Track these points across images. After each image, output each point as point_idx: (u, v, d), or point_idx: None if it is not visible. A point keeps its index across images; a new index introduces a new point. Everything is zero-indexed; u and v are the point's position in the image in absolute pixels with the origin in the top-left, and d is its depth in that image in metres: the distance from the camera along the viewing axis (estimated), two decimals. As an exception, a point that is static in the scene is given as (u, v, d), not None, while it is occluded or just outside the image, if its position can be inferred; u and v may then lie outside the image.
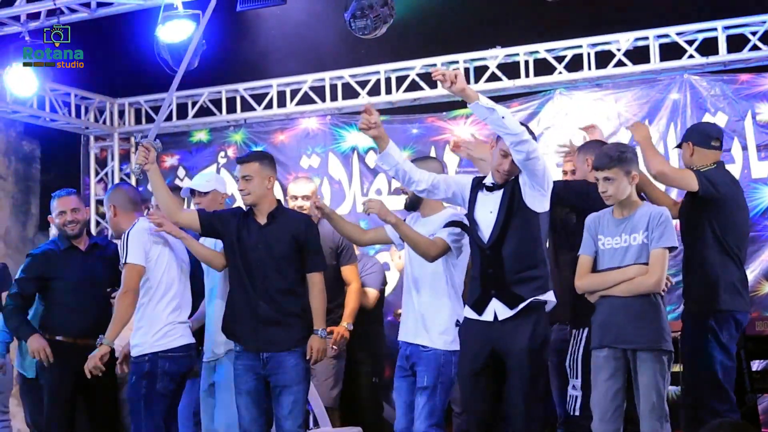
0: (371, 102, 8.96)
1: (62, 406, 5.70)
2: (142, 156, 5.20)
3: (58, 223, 5.75)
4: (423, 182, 4.92)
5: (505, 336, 4.71)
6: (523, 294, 4.70)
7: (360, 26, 6.39)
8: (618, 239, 4.64)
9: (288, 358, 5.13)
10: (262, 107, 9.39)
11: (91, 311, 5.73)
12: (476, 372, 4.78)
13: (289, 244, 5.20)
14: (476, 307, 4.81)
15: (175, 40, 6.85)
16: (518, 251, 4.73)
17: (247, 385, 5.18)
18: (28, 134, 10.50)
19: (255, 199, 5.24)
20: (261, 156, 5.42)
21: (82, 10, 7.26)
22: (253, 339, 5.17)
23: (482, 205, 4.86)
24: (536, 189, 4.71)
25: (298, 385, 5.15)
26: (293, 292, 5.21)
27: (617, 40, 8.22)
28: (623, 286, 4.60)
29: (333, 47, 8.73)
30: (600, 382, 4.63)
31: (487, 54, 8.64)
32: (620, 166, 4.65)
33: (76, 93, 9.68)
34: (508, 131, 4.52)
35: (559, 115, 8.51)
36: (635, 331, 4.56)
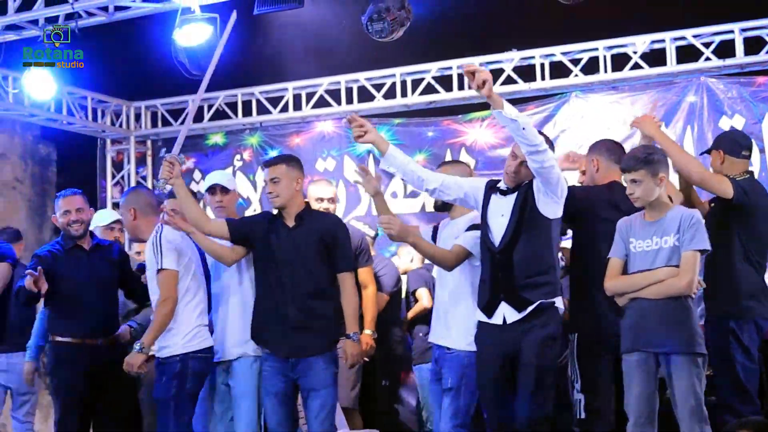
0: (387, 105, 9.00)
1: (74, 407, 5.64)
2: (167, 171, 5.14)
3: (62, 223, 5.69)
4: (432, 182, 4.91)
5: (515, 338, 4.72)
6: (531, 298, 4.70)
7: (377, 29, 6.42)
8: (649, 242, 4.60)
9: (317, 361, 5.09)
10: (277, 110, 9.42)
11: (98, 311, 5.68)
12: (493, 376, 4.79)
13: (317, 245, 5.15)
14: (486, 310, 4.82)
15: (192, 44, 6.87)
16: (529, 256, 4.71)
17: (275, 387, 5.15)
18: (45, 138, 10.54)
19: (283, 201, 5.20)
20: (288, 158, 5.40)
21: (100, 14, 7.29)
22: (282, 345, 5.13)
23: (495, 208, 4.84)
24: (549, 196, 4.70)
25: (327, 388, 5.10)
26: (324, 295, 5.16)
27: (633, 43, 8.21)
28: (653, 288, 4.57)
29: (348, 50, 8.75)
30: (633, 386, 4.60)
31: (503, 57, 8.65)
32: (647, 168, 4.61)
33: (92, 96, 9.73)
34: (527, 141, 4.51)
35: (575, 117, 8.51)
36: (667, 335, 4.52)
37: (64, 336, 5.65)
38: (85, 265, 5.69)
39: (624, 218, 4.77)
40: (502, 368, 4.76)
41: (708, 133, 7.93)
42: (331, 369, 5.12)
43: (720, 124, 7.92)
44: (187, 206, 5.21)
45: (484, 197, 4.90)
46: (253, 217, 5.53)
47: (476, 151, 8.81)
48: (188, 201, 5.22)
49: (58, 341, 5.67)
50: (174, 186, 5.18)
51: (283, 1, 6.65)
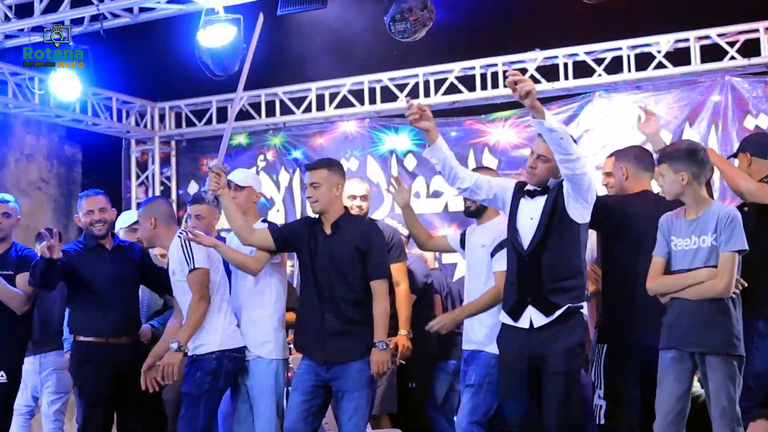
0: (410, 105, 8.99)
1: (99, 407, 5.64)
2: (213, 182, 5.14)
3: (85, 222, 5.69)
4: (467, 180, 4.89)
5: (542, 343, 4.67)
6: (559, 302, 4.65)
7: (400, 29, 6.42)
8: (688, 241, 4.55)
9: (353, 364, 5.06)
10: (301, 111, 9.45)
11: (120, 310, 5.68)
12: (515, 380, 4.75)
13: (352, 253, 5.10)
14: (512, 313, 4.77)
15: (216, 45, 6.89)
16: (557, 260, 4.66)
17: (305, 384, 5.13)
18: (70, 138, 10.63)
19: (323, 206, 5.16)
20: (329, 163, 5.31)
21: (125, 15, 7.33)
22: (319, 351, 5.11)
23: (524, 211, 4.80)
24: (579, 201, 4.66)
25: (361, 391, 5.04)
26: (360, 302, 5.11)
27: (657, 42, 8.19)
28: (691, 290, 4.51)
29: (371, 51, 8.76)
30: (665, 384, 4.56)
31: (526, 57, 8.65)
32: (668, 162, 4.58)
33: (117, 97, 9.81)
34: (562, 150, 4.48)
35: (599, 117, 8.49)
36: (704, 335, 4.47)
37: (87, 335, 5.65)
38: (108, 264, 5.69)
39: (666, 215, 4.70)
40: (526, 371, 4.72)
41: (733, 132, 7.89)
42: (366, 372, 5.05)
43: (745, 124, 7.88)
44: (232, 218, 5.19)
45: (513, 199, 4.87)
46: (295, 223, 5.52)
47: (499, 151, 8.81)
48: (233, 212, 5.20)
49: (81, 341, 5.67)
50: (221, 196, 5.17)
51: (307, 2, 6.65)
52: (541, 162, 4.73)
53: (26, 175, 10.18)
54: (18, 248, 5.95)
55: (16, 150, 10.11)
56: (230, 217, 5.19)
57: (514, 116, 8.80)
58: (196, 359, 5.23)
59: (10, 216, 5.88)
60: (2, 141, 9.95)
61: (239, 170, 5.73)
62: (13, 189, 9.61)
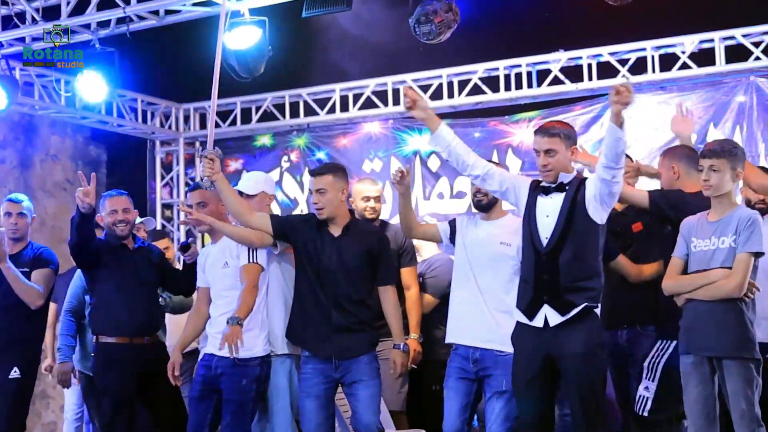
0: (433, 106, 8.91)
1: (124, 407, 5.67)
2: (207, 168, 5.19)
3: (108, 222, 5.71)
4: (478, 168, 4.86)
5: (558, 341, 4.65)
6: (575, 301, 4.63)
7: (425, 31, 6.44)
8: (708, 242, 4.57)
9: (361, 357, 5.14)
10: (325, 112, 9.48)
11: (142, 310, 5.72)
12: (530, 378, 4.73)
13: (362, 257, 5.18)
14: (527, 311, 4.75)
15: (241, 47, 6.93)
16: (575, 260, 4.65)
17: (316, 388, 5.15)
18: (95, 139, 10.69)
19: (329, 213, 5.22)
20: (334, 168, 5.38)
21: (151, 18, 7.38)
22: (325, 346, 5.15)
23: (541, 209, 4.78)
24: (604, 205, 4.66)
25: (373, 380, 5.13)
26: (364, 303, 5.20)
27: (682, 43, 8.16)
28: (704, 290, 4.54)
29: (395, 52, 8.77)
30: (690, 389, 4.58)
31: (550, 57, 8.64)
32: (729, 158, 4.57)
33: (142, 98, 9.87)
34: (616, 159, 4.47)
35: (623, 118, 8.45)
36: (718, 339, 4.50)
37: (110, 336, 5.67)
38: (130, 264, 5.72)
39: (689, 217, 4.72)
40: (541, 369, 4.70)
41: (758, 132, 7.87)
42: (375, 365, 5.15)
43: (770, 124, 7.86)
44: (229, 200, 5.24)
45: (529, 197, 4.84)
46: (299, 217, 5.55)
47: (523, 151, 8.80)
48: (230, 194, 5.25)
49: (104, 342, 5.69)
50: (216, 181, 5.19)
51: (332, 4, 6.67)
52: (551, 156, 4.71)
53: (51, 175, 10.25)
54: (34, 247, 6.01)
55: (42, 151, 10.18)
56: (227, 199, 5.24)
57: (538, 117, 8.79)
58: (240, 364, 5.20)
59: (25, 216, 5.94)
60: (28, 142, 10.02)
61: (247, 176, 5.73)
62: (38, 189, 9.71)
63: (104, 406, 5.78)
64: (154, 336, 5.80)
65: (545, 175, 4.77)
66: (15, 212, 5.90)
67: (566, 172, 4.77)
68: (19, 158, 9.89)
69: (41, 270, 5.82)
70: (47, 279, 5.88)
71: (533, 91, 8.72)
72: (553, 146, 4.71)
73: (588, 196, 4.68)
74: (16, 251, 5.86)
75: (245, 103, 9.87)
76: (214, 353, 5.32)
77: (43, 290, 5.81)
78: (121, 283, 5.69)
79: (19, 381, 5.77)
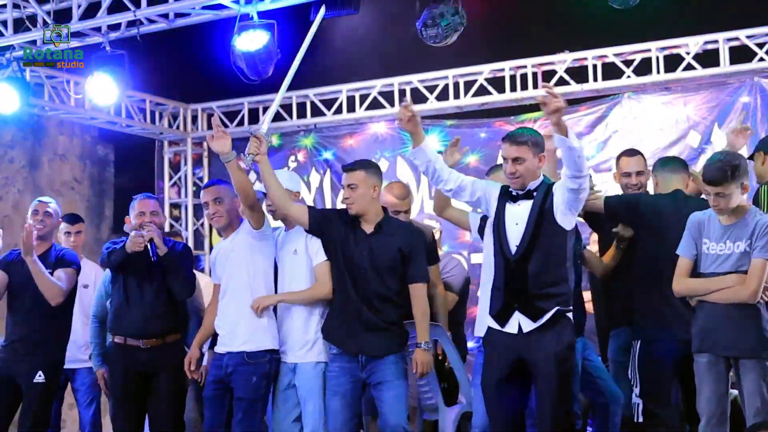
0: (439, 107, 9.07)
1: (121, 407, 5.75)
2: (254, 146, 5.20)
3: (135, 224, 5.74)
4: (451, 182, 4.90)
5: (531, 345, 4.67)
6: (546, 307, 4.66)
7: (431, 35, 6.49)
8: (722, 245, 4.59)
9: (388, 357, 5.12)
10: (331, 112, 9.54)
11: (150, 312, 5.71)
12: (501, 379, 4.76)
13: (394, 255, 5.15)
14: (499, 318, 4.77)
15: (250, 49, 6.99)
16: (544, 267, 4.67)
17: (342, 387, 5.16)
18: (103, 139, 10.75)
19: (359, 208, 5.20)
20: (367, 164, 5.36)
21: (161, 21, 7.43)
22: (353, 343, 5.15)
23: (509, 215, 4.79)
24: (572, 211, 4.70)
25: (399, 380, 5.10)
26: (393, 302, 5.16)
27: (686, 44, 8.21)
28: (719, 294, 4.58)
29: (402, 53, 8.83)
30: (704, 386, 4.63)
31: (555, 58, 8.69)
32: (735, 182, 4.56)
33: (150, 99, 9.94)
34: (576, 167, 4.52)
35: (627, 119, 8.53)
36: (735, 339, 4.55)
37: (120, 335, 5.73)
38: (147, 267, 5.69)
39: (697, 215, 4.75)
40: (510, 371, 4.73)
41: (762, 133, 7.85)
42: (401, 365, 5.12)
43: (774, 125, 7.91)
44: (270, 184, 5.23)
45: (498, 204, 4.86)
46: (335, 212, 5.52)
47: (528, 151, 8.83)
48: (271, 179, 5.24)
49: (115, 342, 5.76)
50: (259, 162, 5.21)
51: (340, 8, 6.73)
52: (519, 164, 4.73)
53: (60, 175, 10.31)
54: (57, 249, 6.05)
55: (50, 150, 10.24)
56: (268, 183, 5.24)
57: (543, 117, 8.79)
58: (248, 361, 5.27)
59: (52, 216, 6.00)
60: (36, 142, 10.09)
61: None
62: (47, 189, 9.77)
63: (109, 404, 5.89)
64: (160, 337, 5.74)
65: (513, 182, 4.78)
66: (42, 210, 5.96)
67: (534, 179, 4.78)
68: (28, 158, 9.95)
69: (64, 269, 5.87)
70: (70, 277, 5.90)
71: (539, 91, 8.65)
72: (521, 154, 4.72)
73: (556, 201, 4.70)
74: (41, 252, 5.88)
75: (252, 104, 9.93)
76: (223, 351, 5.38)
77: (66, 287, 5.84)
78: (133, 285, 5.73)
79: (44, 385, 5.81)
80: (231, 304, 5.44)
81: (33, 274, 5.70)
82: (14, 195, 9.80)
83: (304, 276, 5.33)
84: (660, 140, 8.25)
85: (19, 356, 5.83)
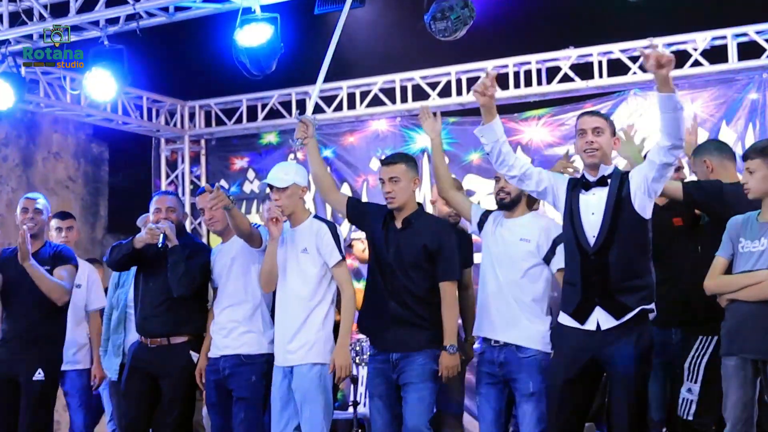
0: (442, 104, 8.93)
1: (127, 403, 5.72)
2: (301, 131, 5.27)
3: (153, 220, 5.65)
4: (516, 168, 4.73)
5: (609, 345, 4.50)
6: (629, 303, 4.49)
7: (440, 28, 6.35)
8: (757, 243, 4.49)
9: (417, 357, 4.97)
10: (331, 109, 9.42)
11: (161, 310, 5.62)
12: (570, 379, 4.60)
13: (419, 252, 5.02)
14: (577, 315, 4.58)
15: (253, 44, 6.83)
16: (625, 258, 4.49)
17: (378, 388, 5.08)
18: (97, 137, 10.64)
19: (401, 202, 5.09)
20: (407, 157, 5.26)
21: (161, 15, 7.26)
22: (382, 337, 5.07)
23: (584, 206, 4.61)
24: (651, 196, 4.54)
25: (425, 383, 4.95)
26: (422, 300, 5.02)
27: (694, 40, 8.12)
28: (747, 291, 4.47)
29: (403, 49, 8.72)
30: (731, 391, 4.52)
31: (560, 54, 8.59)
32: (762, 158, 4.50)
33: (147, 96, 9.80)
34: (678, 134, 4.32)
35: (634, 116, 8.41)
36: (763, 341, 4.44)
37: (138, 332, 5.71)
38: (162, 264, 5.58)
39: (736, 216, 4.64)
40: (582, 372, 4.58)
41: (773, 130, 7.83)
42: (431, 366, 4.95)
43: (783, 121, 7.82)
44: (317, 169, 5.33)
45: (569, 195, 4.69)
46: (373, 206, 5.43)
47: (532, 149, 8.75)
48: (318, 164, 5.36)
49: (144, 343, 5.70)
50: (307, 146, 5.31)
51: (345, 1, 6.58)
52: (598, 136, 4.57)
53: (54, 173, 10.19)
54: (52, 245, 5.98)
55: (44, 148, 10.13)
56: (313, 168, 5.35)
57: (547, 114, 8.74)
58: (245, 361, 5.23)
59: (42, 212, 5.90)
60: (30, 140, 9.97)
61: (277, 168, 5.43)
62: (41, 187, 9.64)
63: None
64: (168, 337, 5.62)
65: (589, 156, 4.59)
66: (31, 208, 5.87)
67: (607, 163, 4.64)
68: (22, 156, 9.83)
69: (64, 266, 5.80)
70: (71, 275, 5.84)
71: (543, 88, 8.66)
72: (600, 125, 4.59)
73: (633, 188, 4.53)
74: (35, 249, 5.79)
75: (251, 101, 9.80)
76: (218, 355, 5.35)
77: (69, 286, 5.78)
78: (141, 283, 5.68)
79: (43, 383, 5.72)
80: (228, 308, 5.38)
81: (33, 278, 5.63)
82: (7, 193, 9.67)
83: (313, 275, 5.19)
84: (666, 137, 8.13)
85: (17, 354, 5.74)
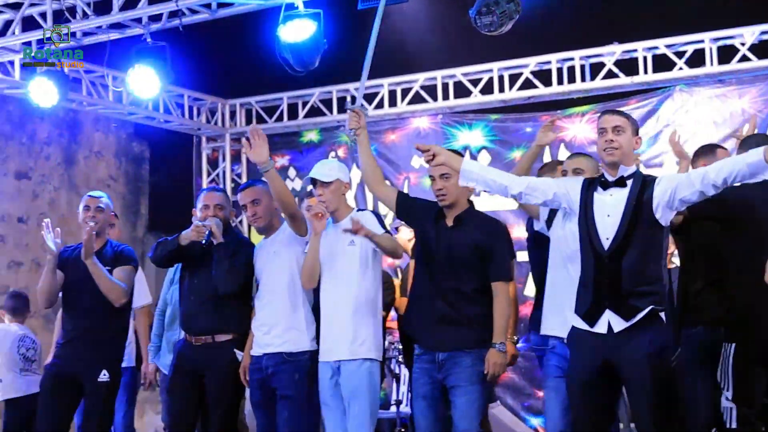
0: (484, 101, 8.87)
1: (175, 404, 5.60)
2: (353, 121, 5.20)
3: (200, 217, 5.57)
4: (515, 186, 4.57)
5: (620, 346, 4.37)
6: (640, 305, 4.36)
7: (486, 23, 6.26)
8: None
9: (464, 358, 4.91)
10: (373, 106, 9.37)
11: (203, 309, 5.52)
12: (586, 382, 4.48)
13: (470, 251, 4.95)
14: (587, 317, 4.47)
15: (296, 40, 6.78)
16: (640, 263, 4.35)
17: (423, 388, 5.00)
18: (138, 136, 10.67)
19: (453, 199, 5.00)
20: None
21: (203, 11, 7.24)
22: (428, 337, 5.00)
23: (600, 207, 4.45)
24: (673, 209, 4.41)
25: (473, 385, 4.88)
26: (470, 299, 4.95)
27: (741, 34, 7.99)
28: None
29: (445, 45, 8.66)
30: None
31: (604, 50, 8.50)
32: None
33: (189, 94, 9.82)
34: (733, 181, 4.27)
35: (679, 112, 8.32)
36: None
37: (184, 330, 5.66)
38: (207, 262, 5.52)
39: None
40: (597, 374, 4.45)
41: (821, 126, 7.70)
42: (478, 367, 4.88)
43: (833, 117, 7.69)
44: (366, 160, 5.24)
45: (584, 195, 4.54)
46: (423, 202, 5.32)
47: (576, 146, 8.62)
48: (368, 155, 5.26)
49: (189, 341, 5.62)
50: (359, 136, 5.22)
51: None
52: (618, 134, 4.43)
53: (95, 172, 10.23)
54: (113, 245, 5.91)
55: (86, 148, 10.16)
56: (363, 161, 5.26)
57: (591, 111, 8.65)
58: (288, 359, 5.18)
59: (104, 210, 5.85)
60: (72, 138, 10.01)
61: (321, 163, 5.42)
62: (82, 186, 9.69)
63: None
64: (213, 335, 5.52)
65: (609, 155, 4.43)
66: (93, 206, 5.83)
67: (627, 164, 4.48)
68: (64, 155, 9.87)
69: (123, 267, 5.75)
70: (130, 276, 5.79)
71: (586, 84, 8.57)
72: (621, 123, 4.45)
73: (657, 193, 4.38)
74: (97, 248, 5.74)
75: (292, 99, 9.79)
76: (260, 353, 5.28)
77: (127, 287, 5.73)
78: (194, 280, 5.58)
79: (108, 384, 5.69)
80: (269, 305, 5.33)
81: (94, 276, 5.59)
82: (50, 192, 9.71)
83: (357, 268, 5.15)
84: (713, 134, 8.00)
85: (79, 353, 5.69)
